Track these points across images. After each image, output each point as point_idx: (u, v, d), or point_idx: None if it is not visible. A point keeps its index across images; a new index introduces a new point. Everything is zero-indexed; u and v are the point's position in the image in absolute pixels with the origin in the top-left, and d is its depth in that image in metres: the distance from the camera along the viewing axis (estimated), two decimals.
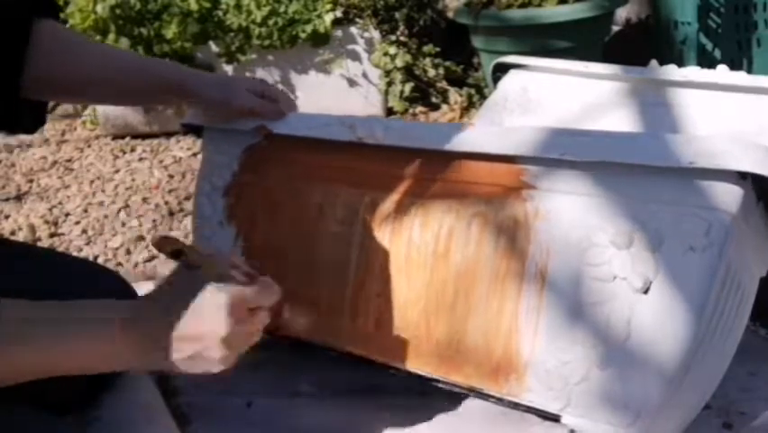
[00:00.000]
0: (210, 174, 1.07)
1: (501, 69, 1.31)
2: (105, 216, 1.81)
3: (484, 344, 0.86)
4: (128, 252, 1.63)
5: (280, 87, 2.25)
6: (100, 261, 1.59)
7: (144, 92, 0.97)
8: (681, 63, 1.57)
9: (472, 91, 2.39)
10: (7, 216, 1.85)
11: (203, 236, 1.08)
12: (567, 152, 0.80)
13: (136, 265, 1.57)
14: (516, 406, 0.85)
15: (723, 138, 0.76)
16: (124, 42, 2.23)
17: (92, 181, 2.04)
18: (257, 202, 1.03)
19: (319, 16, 2.29)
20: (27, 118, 0.91)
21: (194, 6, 2.26)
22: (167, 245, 0.74)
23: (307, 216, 0.99)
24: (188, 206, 1.84)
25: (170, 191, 1.93)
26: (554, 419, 0.83)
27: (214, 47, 2.33)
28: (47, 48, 0.88)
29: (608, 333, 0.78)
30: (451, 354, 0.88)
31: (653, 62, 1.21)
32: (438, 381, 0.90)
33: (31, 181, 2.08)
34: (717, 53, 2.07)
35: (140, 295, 0.73)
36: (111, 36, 2.23)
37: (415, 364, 0.91)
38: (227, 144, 1.05)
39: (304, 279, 0.98)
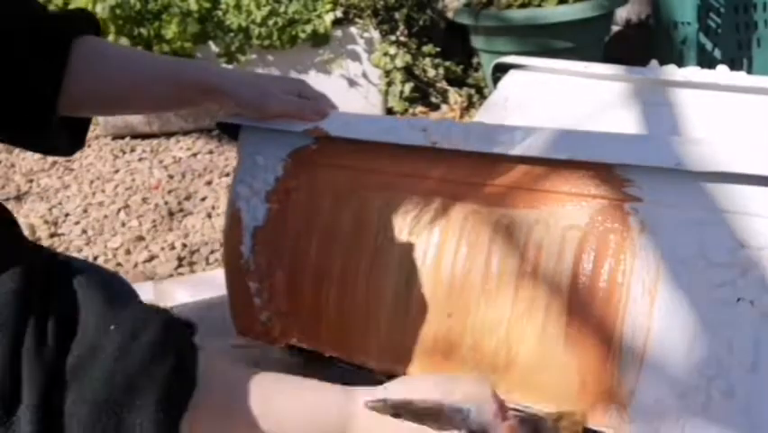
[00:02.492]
0: (249, 177, 0.98)
1: (501, 70, 1.31)
2: (105, 217, 1.81)
3: (579, 370, 0.77)
4: (128, 252, 1.63)
5: None
6: (100, 261, 1.59)
7: (175, 98, 0.93)
8: (681, 63, 1.57)
9: (472, 91, 2.39)
10: None
11: (239, 243, 0.98)
12: (682, 162, 0.72)
13: (136, 265, 1.57)
14: None
15: None
16: (124, 42, 2.23)
17: (92, 181, 2.04)
18: (306, 210, 0.94)
19: (319, 16, 2.29)
20: (64, 141, 0.89)
21: (194, 6, 2.26)
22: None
23: (366, 228, 0.90)
24: (188, 206, 1.84)
25: (170, 191, 1.93)
26: None
27: (213, 47, 2.33)
28: (85, 66, 0.85)
29: (730, 360, 0.71)
30: (539, 381, 0.80)
31: (654, 62, 1.21)
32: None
33: (30, 181, 2.07)
34: (717, 53, 2.08)
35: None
36: (110, 36, 2.23)
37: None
38: (270, 146, 0.96)
39: (359, 298, 0.90)
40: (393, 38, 2.38)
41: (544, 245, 0.79)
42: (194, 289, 1.36)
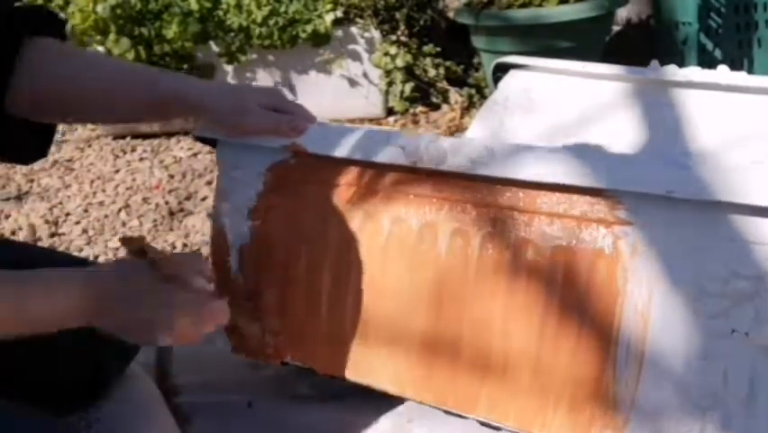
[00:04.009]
0: (230, 193, 0.96)
1: (502, 69, 1.31)
2: (106, 216, 1.81)
3: (574, 393, 0.76)
4: None
5: (280, 87, 2.25)
6: (101, 260, 1.59)
7: (147, 109, 0.91)
8: (681, 63, 1.57)
9: (473, 91, 2.39)
10: (8, 216, 1.85)
11: (226, 260, 0.96)
12: (675, 188, 0.71)
13: None
14: None
15: None
16: (125, 42, 2.23)
17: (92, 181, 2.04)
18: (290, 227, 0.92)
19: (320, 16, 2.29)
20: (24, 148, 0.87)
21: (194, 6, 2.26)
22: (131, 243, 0.75)
23: (352, 244, 0.88)
24: (189, 206, 1.84)
25: (171, 191, 1.93)
26: None
27: (214, 47, 2.33)
28: (42, 68, 0.84)
29: (725, 392, 0.70)
30: (535, 404, 0.79)
31: (654, 62, 1.20)
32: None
33: (31, 181, 2.07)
34: (718, 53, 2.07)
35: (92, 269, 0.75)
36: (111, 36, 2.23)
37: (491, 417, 0.82)
38: (248, 160, 0.94)
39: (350, 316, 0.89)
40: (394, 38, 2.38)
41: (534, 267, 0.78)
42: None
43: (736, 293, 0.70)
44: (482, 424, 0.87)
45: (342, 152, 0.88)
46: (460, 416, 0.88)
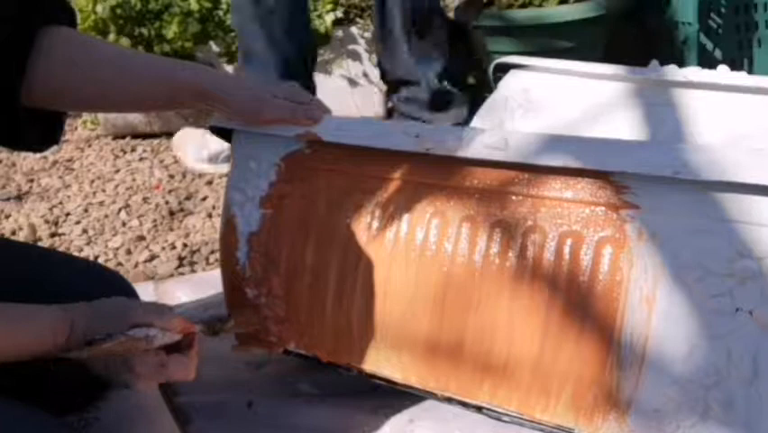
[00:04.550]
0: (243, 183, 0.97)
1: (502, 69, 1.31)
2: (106, 216, 1.81)
3: (578, 376, 0.77)
4: (128, 252, 1.63)
5: None
6: (100, 261, 1.59)
7: (166, 99, 0.91)
8: (681, 63, 1.57)
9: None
10: (8, 216, 1.85)
11: (235, 249, 0.98)
12: (682, 170, 0.72)
13: (136, 265, 1.57)
14: None
15: None
16: (125, 42, 2.23)
17: (92, 181, 2.04)
18: (300, 215, 0.94)
19: (320, 16, 2.29)
20: (33, 135, 0.87)
21: (194, 6, 2.26)
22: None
23: (361, 233, 0.89)
24: (189, 205, 1.84)
25: (171, 191, 1.93)
26: None
27: (214, 47, 2.33)
28: (57, 56, 0.84)
29: (729, 371, 0.71)
30: (536, 388, 0.80)
31: (654, 62, 1.21)
32: (509, 414, 0.83)
33: (31, 181, 2.07)
34: (718, 53, 2.07)
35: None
36: (111, 36, 2.23)
37: (493, 401, 0.83)
38: (262, 150, 0.95)
39: (356, 304, 0.90)
40: None
41: (540, 251, 0.79)
42: (194, 289, 1.36)
43: (742, 272, 0.70)
44: (485, 414, 0.87)
45: (356, 140, 0.89)
46: (462, 404, 0.87)
